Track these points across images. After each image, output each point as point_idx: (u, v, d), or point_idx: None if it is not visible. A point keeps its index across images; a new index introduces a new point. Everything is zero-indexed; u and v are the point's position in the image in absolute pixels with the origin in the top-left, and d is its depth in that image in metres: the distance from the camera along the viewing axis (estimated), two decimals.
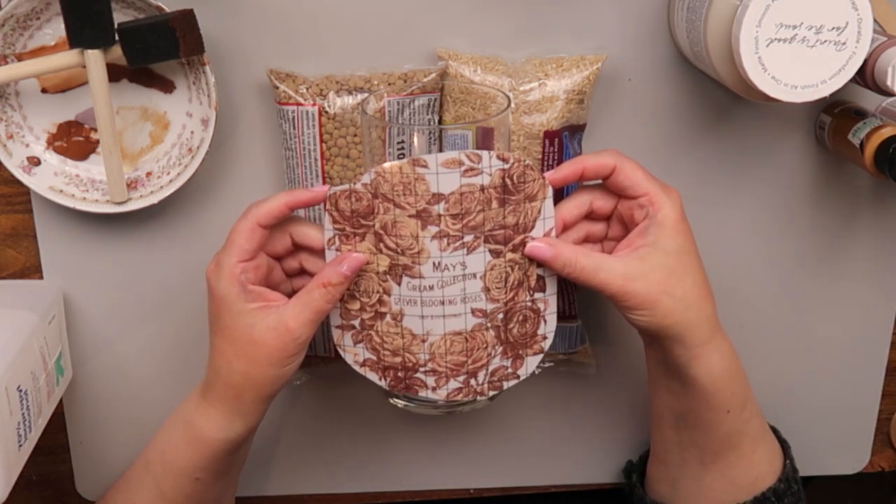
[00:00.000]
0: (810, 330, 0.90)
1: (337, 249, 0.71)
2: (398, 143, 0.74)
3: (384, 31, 0.78)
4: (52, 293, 0.83)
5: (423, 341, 0.72)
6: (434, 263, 0.69)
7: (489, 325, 0.72)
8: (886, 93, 0.69)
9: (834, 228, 0.87)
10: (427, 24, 0.79)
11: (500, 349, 0.73)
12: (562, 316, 0.81)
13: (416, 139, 0.74)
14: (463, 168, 0.67)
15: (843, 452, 0.95)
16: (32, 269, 0.84)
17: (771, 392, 0.91)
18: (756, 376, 0.90)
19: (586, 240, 0.76)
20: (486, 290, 0.71)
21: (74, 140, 0.79)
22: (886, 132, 0.75)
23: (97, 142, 0.79)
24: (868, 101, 0.80)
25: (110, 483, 0.84)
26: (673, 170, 0.83)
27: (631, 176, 0.72)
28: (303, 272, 0.75)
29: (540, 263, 0.72)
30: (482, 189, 0.68)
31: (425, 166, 0.67)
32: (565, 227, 0.74)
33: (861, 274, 0.88)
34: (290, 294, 0.73)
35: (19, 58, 0.76)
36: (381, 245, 0.70)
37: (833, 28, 0.66)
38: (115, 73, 0.76)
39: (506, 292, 0.71)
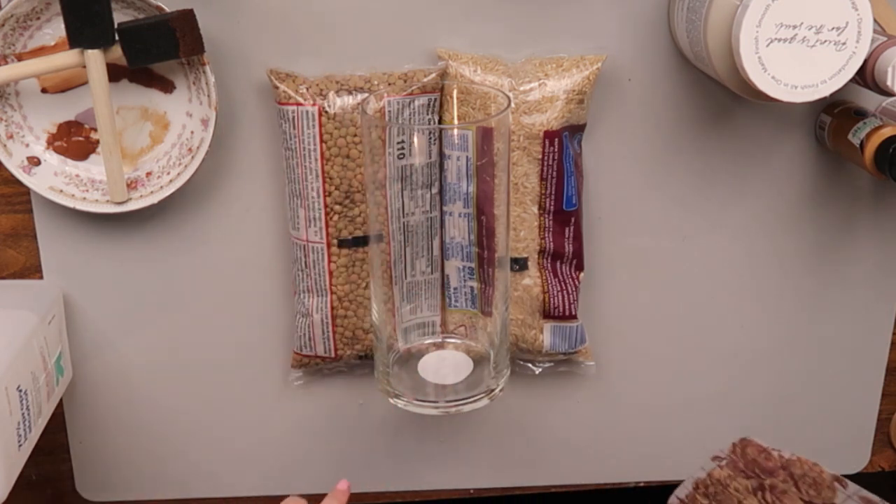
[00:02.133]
0: (810, 330, 0.90)
1: None
2: (398, 143, 0.74)
3: (384, 31, 0.78)
4: (52, 293, 0.83)
5: None
6: None
7: None
8: (886, 93, 0.69)
9: (834, 229, 0.87)
10: (427, 24, 0.78)
11: None
12: (562, 316, 0.81)
13: (416, 139, 0.74)
14: None
15: (843, 452, 0.95)
16: (32, 269, 0.84)
17: (771, 392, 0.91)
18: (756, 376, 0.90)
19: None
20: None
21: (74, 140, 0.79)
22: (886, 132, 0.75)
23: (97, 142, 0.79)
24: (868, 101, 0.80)
25: (110, 483, 0.83)
26: (673, 170, 0.83)
27: None
28: None
29: None
30: None
31: None
32: None
33: (861, 274, 0.88)
34: None
35: (19, 58, 0.76)
36: None
37: (833, 28, 0.66)
38: (115, 73, 0.76)
39: None
